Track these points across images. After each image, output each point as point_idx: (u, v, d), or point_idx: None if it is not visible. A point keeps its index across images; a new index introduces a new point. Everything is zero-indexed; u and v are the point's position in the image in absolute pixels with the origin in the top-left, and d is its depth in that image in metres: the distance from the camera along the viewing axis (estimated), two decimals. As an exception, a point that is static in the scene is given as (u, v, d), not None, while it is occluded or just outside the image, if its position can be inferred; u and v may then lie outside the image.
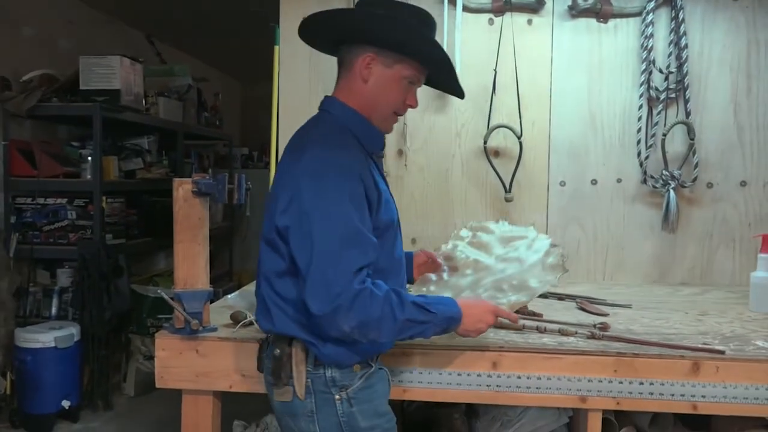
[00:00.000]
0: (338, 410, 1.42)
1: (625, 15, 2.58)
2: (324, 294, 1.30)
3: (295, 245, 1.35)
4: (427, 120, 2.65)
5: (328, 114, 1.50)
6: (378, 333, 1.35)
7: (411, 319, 1.37)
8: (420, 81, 1.53)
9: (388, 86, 1.47)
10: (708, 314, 2.08)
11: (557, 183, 2.64)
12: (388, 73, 1.46)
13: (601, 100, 2.61)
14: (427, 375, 1.67)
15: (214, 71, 6.33)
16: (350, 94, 1.48)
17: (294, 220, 1.35)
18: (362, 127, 1.48)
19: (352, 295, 1.30)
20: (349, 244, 1.32)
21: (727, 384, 1.60)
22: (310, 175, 1.36)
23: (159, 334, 1.77)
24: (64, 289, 3.56)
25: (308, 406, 1.43)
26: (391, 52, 1.45)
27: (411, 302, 1.38)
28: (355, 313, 1.31)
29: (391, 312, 1.34)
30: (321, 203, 1.33)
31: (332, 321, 1.31)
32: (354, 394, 1.43)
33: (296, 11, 2.60)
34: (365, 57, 1.45)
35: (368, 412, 1.44)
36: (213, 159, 5.77)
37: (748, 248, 2.56)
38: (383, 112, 1.49)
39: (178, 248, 1.71)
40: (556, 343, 1.69)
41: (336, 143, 1.41)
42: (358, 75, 1.46)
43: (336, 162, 1.37)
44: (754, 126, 2.58)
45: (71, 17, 4.10)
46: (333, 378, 1.42)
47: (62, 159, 3.66)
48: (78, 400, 3.27)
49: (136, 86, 3.70)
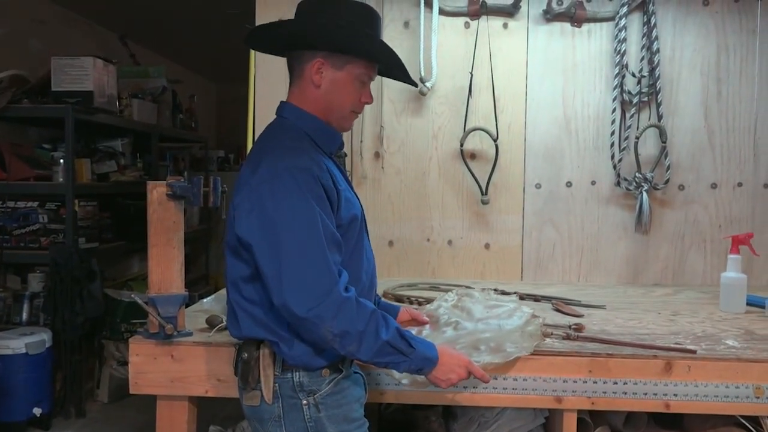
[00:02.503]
0: (305, 415, 1.41)
1: (599, 19, 2.62)
2: (307, 294, 1.29)
3: (262, 253, 1.33)
4: (403, 123, 2.66)
5: (284, 119, 1.50)
6: (357, 347, 1.34)
7: (392, 344, 1.36)
8: (372, 77, 1.53)
9: (342, 87, 1.47)
10: (680, 314, 2.11)
11: (533, 185, 2.66)
12: (339, 75, 1.46)
13: (575, 104, 2.65)
14: (404, 377, 1.67)
15: (189, 73, 6.27)
16: (304, 99, 1.48)
17: (258, 229, 1.34)
18: (318, 130, 1.48)
19: (338, 302, 1.30)
20: (321, 242, 1.32)
21: (699, 383, 1.63)
22: (268, 182, 1.35)
23: (133, 339, 1.74)
24: (36, 294, 3.49)
25: (275, 411, 1.42)
26: (339, 55, 1.45)
27: (395, 328, 1.38)
28: (340, 321, 1.30)
29: (376, 329, 1.34)
30: (284, 207, 1.33)
31: (310, 324, 1.31)
32: (322, 399, 1.42)
33: (272, 12, 2.59)
34: (314, 63, 1.45)
35: (337, 418, 1.43)
36: (188, 161, 5.70)
37: (719, 249, 2.61)
38: (341, 113, 1.50)
39: (153, 252, 1.69)
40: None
41: (291, 148, 1.41)
42: (310, 81, 1.47)
43: (292, 166, 1.36)
44: (724, 129, 2.63)
45: (42, 17, 4.02)
46: (301, 382, 1.41)
47: (33, 161, 3.59)
48: (50, 408, 3.20)
49: (109, 88, 3.65)
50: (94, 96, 3.47)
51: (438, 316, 1.84)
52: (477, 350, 1.65)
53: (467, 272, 2.64)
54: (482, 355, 1.63)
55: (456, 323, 1.77)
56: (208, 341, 1.73)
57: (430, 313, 1.85)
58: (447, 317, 1.82)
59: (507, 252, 2.67)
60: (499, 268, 2.68)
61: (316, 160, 1.41)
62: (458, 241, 2.67)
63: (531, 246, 2.68)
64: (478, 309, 1.86)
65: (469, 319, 1.79)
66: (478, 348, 1.65)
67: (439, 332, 1.74)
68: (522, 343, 1.67)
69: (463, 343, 1.67)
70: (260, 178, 1.36)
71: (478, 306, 1.87)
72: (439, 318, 1.82)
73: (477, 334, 1.72)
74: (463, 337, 1.71)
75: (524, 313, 1.83)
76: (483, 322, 1.79)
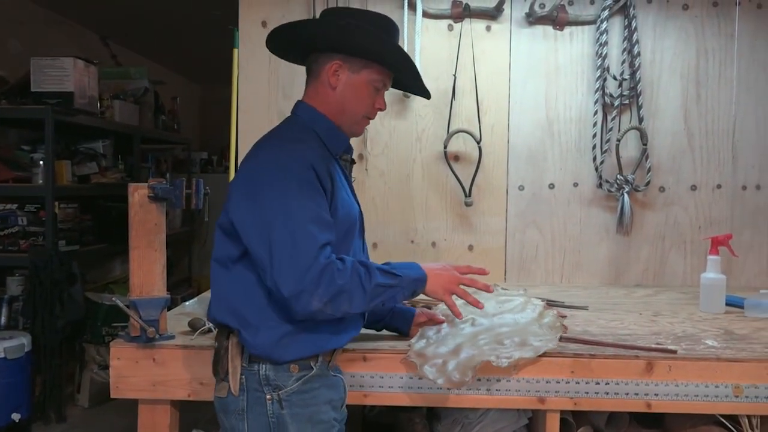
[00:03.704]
0: (268, 411, 1.41)
1: (581, 23, 2.64)
2: (292, 273, 1.32)
3: (254, 236, 1.37)
4: (387, 125, 2.66)
5: (297, 117, 1.55)
6: (349, 304, 1.38)
7: (380, 284, 1.41)
8: (387, 85, 1.58)
9: (357, 91, 1.51)
10: (661, 315, 2.13)
11: (516, 187, 2.68)
12: (355, 78, 1.50)
13: (557, 106, 2.67)
14: (387, 379, 1.67)
15: (172, 74, 6.23)
16: (319, 100, 1.52)
17: (250, 212, 1.38)
18: (328, 130, 1.52)
19: (319, 269, 1.33)
20: (307, 222, 1.35)
21: (679, 383, 1.64)
22: (263, 166, 1.40)
23: (114, 342, 1.73)
24: (14, 298, 3.44)
25: (240, 404, 1.42)
26: (357, 59, 1.49)
27: (377, 269, 1.43)
28: (324, 288, 1.33)
29: (359, 281, 1.38)
30: (275, 190, 1.36)
31: (303, 299, 1.33)
32: (287, 396, 1.41)
33: (255, 14, 2.59)
34: (332, 65, 1.49)
35: (301, 418, 1.42)
36: (171, 163, 5.66)
37: (699, 250, 2.64)
38: (354, 117, 1.53)
39: (134, 255, 1.68)
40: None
41: (292, 137, 1.46)
42: (326, 82, 1.51)
43: (287, 151, 1.41)
44: (704, 132, 2.66)
45: (22, 17, 3.98)
46: (267, 376, 1.41)
47: (12, 163, 3.54)
48: (29, 413, 3.16)
49: (90, 89, 3.61)
50: (75, 97, 3.44)
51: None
52: (502, 345, 1.65)
53: (451, 274, 2.64)
54: (510, 350, 1.62)
55: (472, 320, 1.77)
56: (190, 344, 1.71)
57: (445, 312, 1.85)
58: (463, 315, 1.82)
59: (490, 253, 2.68)
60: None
61: (314, 150, 1.44)
62: (442, 243, 2.68)
63: (514, 247, 2.69)
64: (491, 304, 1.86)
65: (484, 315, 1.79)
66: (502, 343, 1.66)
67: (457, 329, 1.73)
68: (545, 335, 1.69)
69: (484, 339, 1.67)
70: (257, 163, 1.42)
71: (490, 302, 1.86)
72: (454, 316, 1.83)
73: (496, 329, 1.73)
74: (483, 332, 1.71)
75: (536, 305, 1.86)
76: (498, 317, 1.81)
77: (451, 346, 1.65)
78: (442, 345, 1.66)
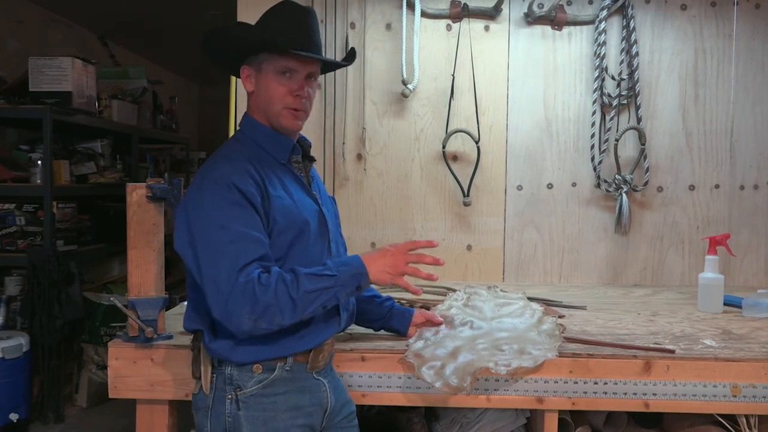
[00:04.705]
0: (226, 410, 1.42)
1: (579, 23, 2.64)
2: (217, 298, 1.34)
3: (189, 261, 1.39)
4: (386, 125, 2.66)
5: (238, 132, 1.57)
6: (281, 316, 1.34)
7: (310, 291, 1.36)
8: (298, 68, 1.48)
9: (266, 85, 1.49)
10: (659, 314, 2.14)
11: (514, 187, 2.68)
12: (262, 75, 1.49)
13: (556, 106, 2.67)
14: (386, 379, 1.67)
15: (170, 74, 6.23)
16: (253, 109, 1.54)
17: (183, 238, 1.40)
18: (267, 138, 1.52)
19: (239, 290, 1.32)
20: (227, 245, 1.35)
21: (677, 382, 1.65)
22: (191, 192, 1.42)
23: (112, 342, 1.72)
24: (12, 298, 3.43)
25: (207, 402, 1.45)
26: (253, 57, 1.49)
27: (306, 274, 1.37)
28: (249, 307, 1.32)
29: (286, 292, 1.33)
30: (198, 215, 1.38)
31: (233, 321, 1.33)
32: (245, 397, 1.41)
33: (253, 14, 2.56)
34: (243, 72, 1.51)
35: (256, 422, 1.41)
36: (169, 163, 5.65)
37: (697, 250, 2.65)
38: (273, 110, 1.49)
39: (132, 254, 1.68)
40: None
41: (222, 155, 1.47)
42: (247, 89, 1.53)
43: (211, 174, 1.41)
44: (702, 132, 2.67)
45: (20, 17, 3.97)
46: (231, 375, 1.42)
47: (10, 163, 3.53)
48: (27, 413, 3.15)
49: (88, 88, 3.61)
50: (73, 97, 3.43)
51: (452, 316, 1.84)
52: (500, 351, 1.65)
53: (449, 274, 2.64)
54: (508, 357, 1.62)
55: (471, 323, 1.78)
56: (188, 345, 1.71)
57: (443, 314, 1.85)
58: (461, 317, 1.82)
59: (489, 253, 2.68)
60: (481, 269, 2.69)
61: (241, 168, 1.42)
62: (440, 243, 2.67)
63: (513, 247, 2.69)
64: (489, 307, 1.86)
65: (482, 318, 1.80)
66: (500, 348, 1.66)
67: (456, 332, 1.74)
68: (544, 344, 1.68)
69: (483, 344, 1.68)
70: (188, 192, 1.45)
71: (488, 304, 1.87)
72: (453, 318, 1.82)
73: (494, 333, 1.73)
74: (481, 336, 1.72)
75: (535, 310, 1.86)
76: (496, 320, 1.81)
77: (449, 348, 1.65)
78: (440, 347, 1.66)
